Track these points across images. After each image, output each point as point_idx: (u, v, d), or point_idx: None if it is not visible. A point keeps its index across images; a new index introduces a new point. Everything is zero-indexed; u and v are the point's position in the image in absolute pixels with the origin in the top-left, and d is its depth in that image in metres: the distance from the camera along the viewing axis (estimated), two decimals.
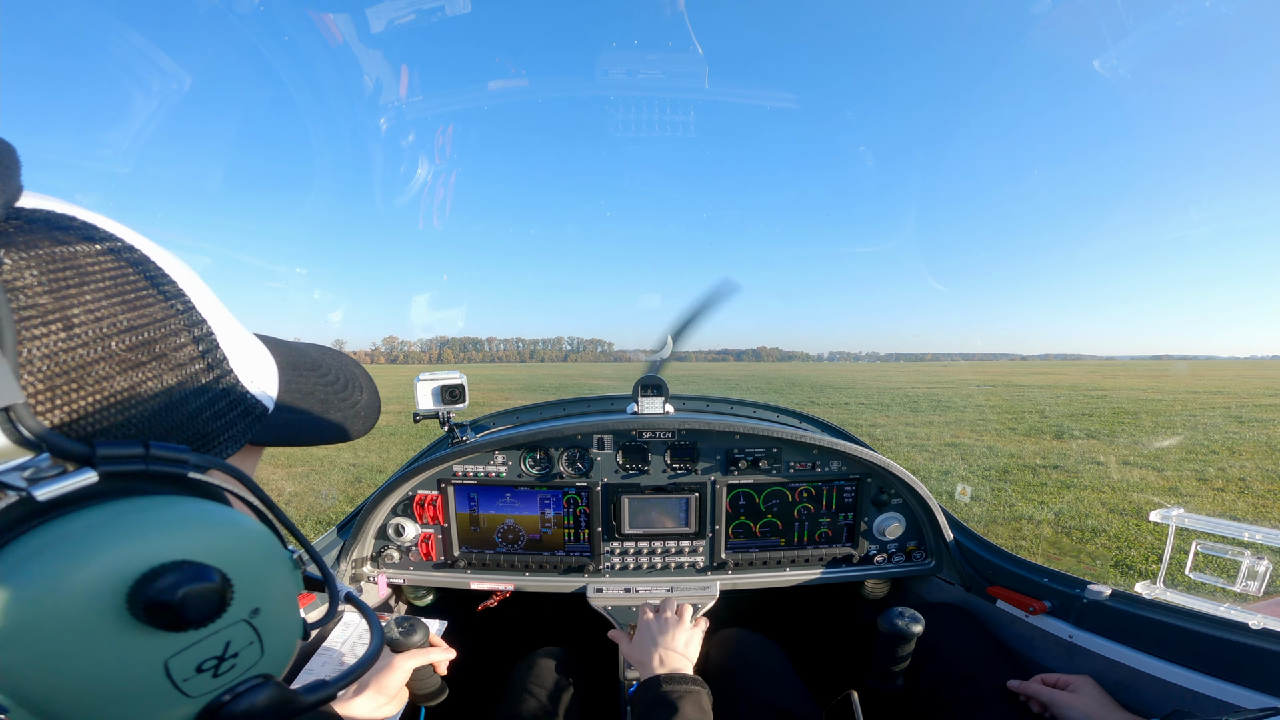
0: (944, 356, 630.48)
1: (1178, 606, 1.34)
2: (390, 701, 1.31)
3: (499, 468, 1.93)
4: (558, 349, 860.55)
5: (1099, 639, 1.44)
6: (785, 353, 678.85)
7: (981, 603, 1.81)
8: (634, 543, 1.94)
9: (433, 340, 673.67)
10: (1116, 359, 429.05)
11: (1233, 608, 1.25)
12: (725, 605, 1.90)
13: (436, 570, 1.96)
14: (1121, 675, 1.37)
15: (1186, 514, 1.36)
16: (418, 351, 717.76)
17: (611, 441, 1.93)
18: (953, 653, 1.65)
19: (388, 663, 1.33)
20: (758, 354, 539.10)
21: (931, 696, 1.58)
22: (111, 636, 0.37)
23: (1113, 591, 1.47)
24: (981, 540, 1.90)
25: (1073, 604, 1.53)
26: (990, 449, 11.57)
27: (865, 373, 73.95)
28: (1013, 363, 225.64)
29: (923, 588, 2.08)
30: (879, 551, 1.98)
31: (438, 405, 1.83)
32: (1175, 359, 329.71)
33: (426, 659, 1.40)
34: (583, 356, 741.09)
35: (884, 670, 1.54)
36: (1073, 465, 9.85)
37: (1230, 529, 1.28)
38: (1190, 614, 1.31)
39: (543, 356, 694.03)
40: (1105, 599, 1.46)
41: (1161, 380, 45.00)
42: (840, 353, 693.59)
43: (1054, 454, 11.04)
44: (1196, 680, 1.22)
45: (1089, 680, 1.36)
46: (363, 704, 1.25)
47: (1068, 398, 26.56)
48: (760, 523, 1.97)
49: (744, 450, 1.93)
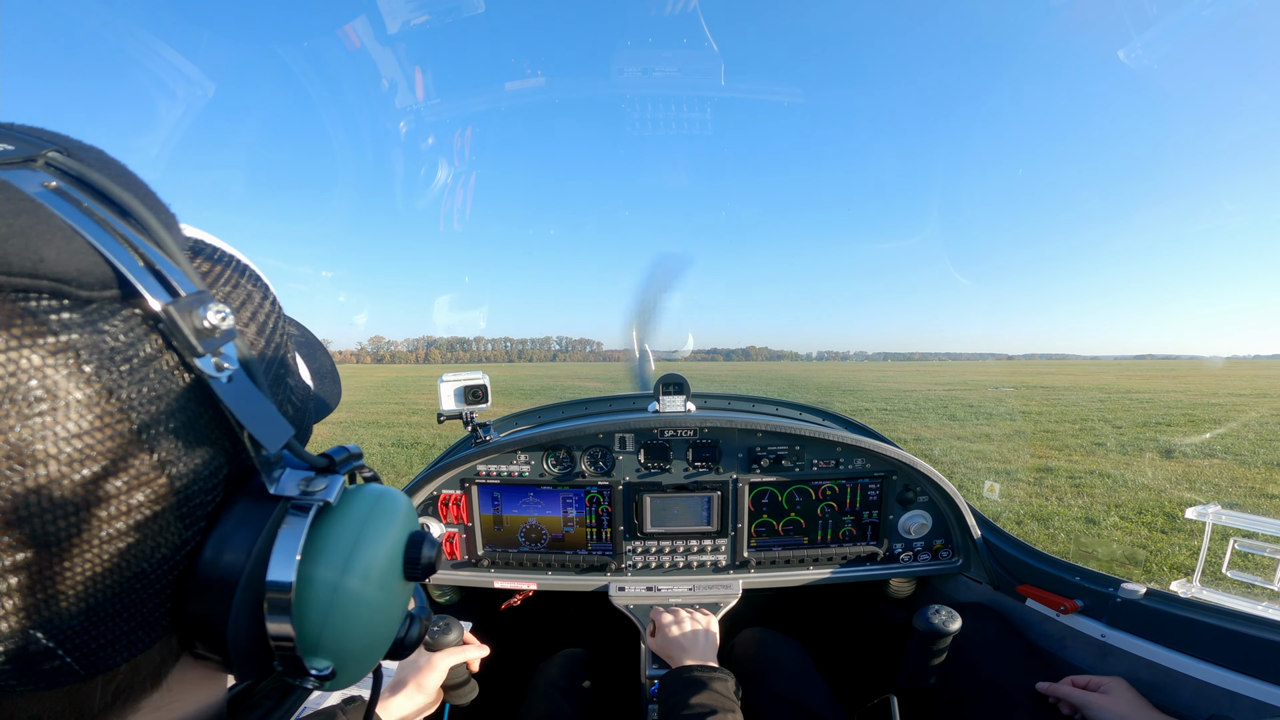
0: (931, 356, 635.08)
1: (1214, 605, 1.32)
2: (427, 699, 1.32)
3: (522, 467, 1.93)
4: (546, 349, 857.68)
5: (1133, 639, 1.42)
6: (774, 352, 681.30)
7: (1011, 602, 1.79)
8: (656, 541, 1.93)
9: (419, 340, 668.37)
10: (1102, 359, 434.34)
11: (1271, 606, 1.25)
12: (747, 604, 1.90)
13: (460, 569, 1.97)
14: (1155, 676, 1.35)
15: (1224, 510, 1.36)
16: (404, 351, 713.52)
17: (633, 440, 1.93)
18: (981, 653, 1.64)
19: (425, 661, 1.35)
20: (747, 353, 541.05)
21: (959, 697, 1.57)
22: (396, 590, 0.48)
23: (1147, 591, 1.45)
24: (1010, 538, 1.88)
25: (1106, 603, 1.51)
26: (1108, 476, 8.82)
27: (864, 373, 70.19)
28: (999, 363, 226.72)
29: (950, 586, 2.06)
30: (904, 549, 1.97)
31: (460, 405, 1.83)
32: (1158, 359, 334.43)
33: (462, 657, 1.42)
34: (571, 356, 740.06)
35: (918, 668, 1.53)
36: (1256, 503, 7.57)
37: (1269, 526, 1.28)
38: (1227, 613, 1.29)
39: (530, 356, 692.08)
40: (1140, 598, 1.44)
41: (1184, 381, 42.58)
42: (828, 352, 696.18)
43: (1203, 484, 8.67)
44: (1234, 680, 1.20)
45: (1121, 681, 1.35)
46: (401, 702, 1.27)
47: (1115, 401, 23.68)
48: (783, 521, 1.96)
49: (766, 448, 1.92)
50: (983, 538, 1.90)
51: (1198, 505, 1.38)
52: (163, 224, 0.34)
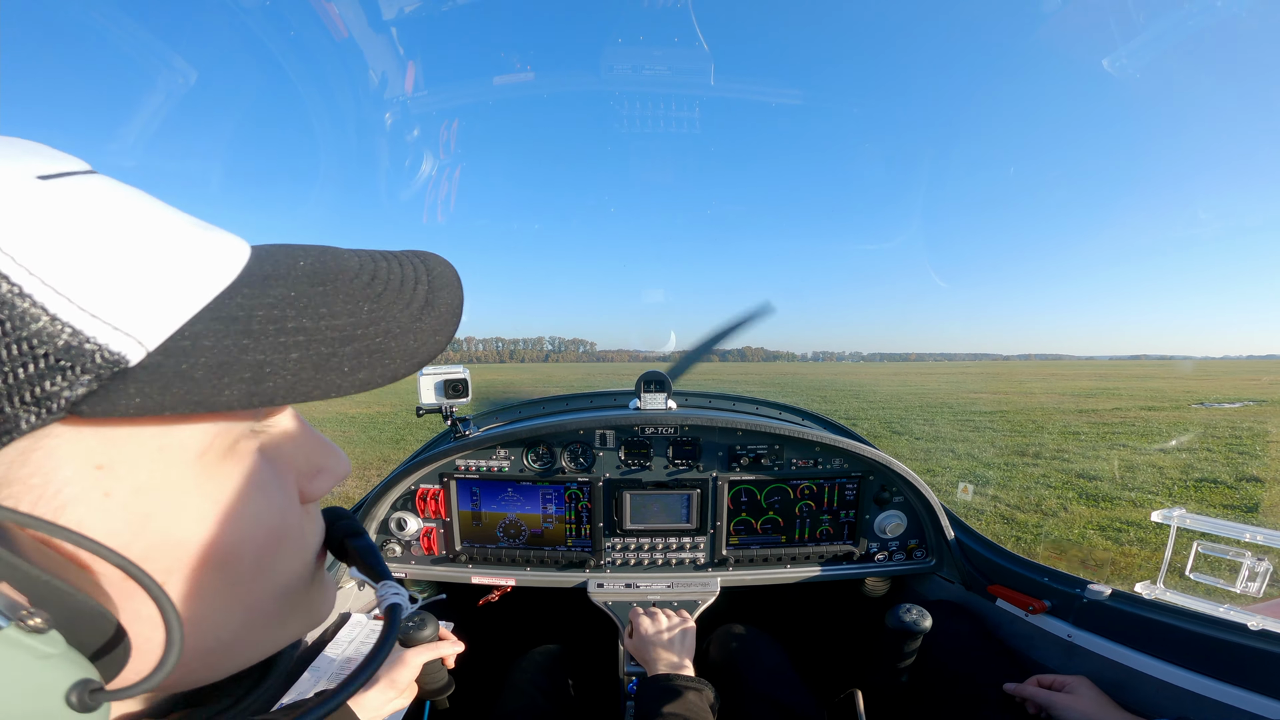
0: (927, 356, 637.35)
1: (1177, 607, 1.35)
2: (400, 696, 1.31)
3: (501, 463, 1.93)
4: (539, 349, 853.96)
5: (1098, 639, 1.45)
6: (770, 352, 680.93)
7: (982, 601, 1.82)
8: (635, 539, 1.94)
9: None
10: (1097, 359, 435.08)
11: (1232, 609, 1.27)
12: (726, 601, 1.91)
13: (438, 565, 1.96)
14: (1120, 675, 1.38)
15: (1188, 514, 1.38)
16: None
17: (614, 437, 1.93)
18: (952, 651, 1.66)
19: (398, 657, 1.34)
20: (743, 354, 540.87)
21: (930, 695, 1.59)
22: None
23: (1112, 592, 1.47)
24: (982, 538, 1.91)
25: (1072, 603, 1.54)
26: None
27: (866, 374, 68.46)
28: (996, 363, 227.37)
29: (923, 586, 2.09)
30: (880, 549, 1.99)
31: (440, 399, 1.82)
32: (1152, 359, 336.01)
33: (436, 653, 1.40)
34: (564, 357, 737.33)
35: (890, 666, 1.55)
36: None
37: (1231, 530, 1.29)
38: (1190, 615, 1.32)
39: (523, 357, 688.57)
40: (1105, 599, 1.47)
41: (1216, 383, 41.18)
42: (824, 352, 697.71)
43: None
44: (1195, 681, 1.23)
45: (1085, 681, 1.37)
46: (374, 698, 1.26)
47: (1178, 411, 21.38)
48: (761, 520, 1.98)
49: (746, 447, 1.93)
50: (956, 538, 1.92)
51: (1162, 509, 1.40)
52: None
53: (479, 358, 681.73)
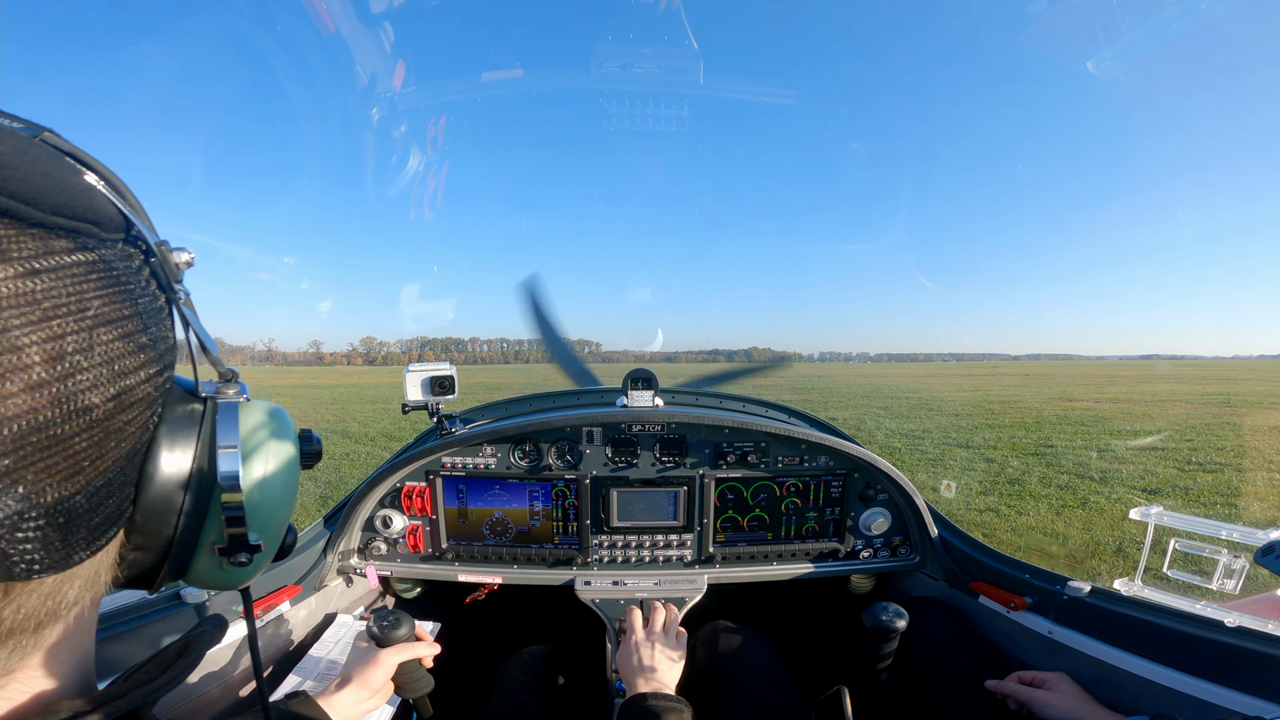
0: (935, 356, 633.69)
1: (1155, 604, 1.36)
2: (374, 697, 1.29)
3: (488, 460, 1.93)
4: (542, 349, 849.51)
5: (1078, 635, 1.46)
6: (777, 353, 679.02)
7: (964, 598, 1.82)
8: (622, 536, 1.94)
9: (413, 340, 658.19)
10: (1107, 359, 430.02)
11: (1209, 605, 1.27)
12: (713, 598, 1.91)
13: (424, 562, 1.96)
14: (1099, 671, 1.39)
15: (1165, 512, 1.37)
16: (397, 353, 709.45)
17: (601, 434, 1.93)
18: (935, 648, 1.67)
19: (371, 658, 1.31)
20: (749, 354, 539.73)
21: (913, 691, 1.60)
22: (295, 477, 0.60)
23: (1092, 589, 1.49)
24: (965, 536, 1.92)
25: (1053, 600, 1.55)
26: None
27: (876, 375, 65.34)
28: (1004, 363, 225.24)
29: (907, 582, 2.10)
30: (865, 546, 1.99)
31: (427, 396, 1.81)
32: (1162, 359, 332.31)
33: (412, 654, 1.37)
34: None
35: (868, 665, 1.55)
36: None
37: (1208, 527, 1.30)
38: (1167, 611, 1.33)
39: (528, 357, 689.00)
40: (1084, 596, 1.48)
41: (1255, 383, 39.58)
42: (831, 353, 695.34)
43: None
44: (1173, 677, 1.24)
45: (1065, 677, 1.38)
46: (345, 699, 1.24)
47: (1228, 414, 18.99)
48: (748, 517, 1.98)
49: (733, 444, 1.93)
50: (939, 535, 1.93)
51: (1140, 506, 1.40)
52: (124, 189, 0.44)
53: (484, 358, 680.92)
